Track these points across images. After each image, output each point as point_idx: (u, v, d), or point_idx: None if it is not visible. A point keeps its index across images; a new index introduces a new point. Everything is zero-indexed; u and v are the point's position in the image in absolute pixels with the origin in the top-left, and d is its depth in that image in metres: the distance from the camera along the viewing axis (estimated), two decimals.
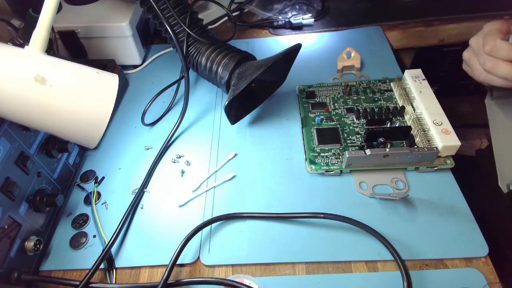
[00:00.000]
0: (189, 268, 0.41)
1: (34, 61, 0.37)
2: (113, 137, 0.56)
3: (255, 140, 0.53)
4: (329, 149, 0.49)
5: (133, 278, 0.41)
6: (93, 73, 0.40)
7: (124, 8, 0.61)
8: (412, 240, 0.41)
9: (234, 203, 0.46)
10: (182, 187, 0.48)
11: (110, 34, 0.60)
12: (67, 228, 0.45)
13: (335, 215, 0.42)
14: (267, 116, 0.56)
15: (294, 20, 0.71)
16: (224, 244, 0.42)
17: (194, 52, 0.54)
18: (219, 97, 0.60)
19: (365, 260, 0.40)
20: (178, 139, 0.54)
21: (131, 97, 0.62)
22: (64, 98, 0.37)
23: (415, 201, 0.44)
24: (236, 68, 0.50)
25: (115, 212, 0.46)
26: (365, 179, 0.46)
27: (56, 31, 0.58)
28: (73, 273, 0.42)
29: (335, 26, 0.71)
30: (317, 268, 0.40)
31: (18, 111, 0.36)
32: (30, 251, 0.39)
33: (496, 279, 0.38)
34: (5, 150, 0.38)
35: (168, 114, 0.58)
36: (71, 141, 0.46)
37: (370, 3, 0.76)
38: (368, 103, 0.54)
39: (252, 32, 0.73)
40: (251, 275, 0.40)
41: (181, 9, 0.52)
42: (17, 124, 0.40)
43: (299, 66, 0.56)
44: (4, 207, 0.37)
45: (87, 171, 0.51)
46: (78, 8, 0.62)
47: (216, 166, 0.50)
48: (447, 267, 0.39)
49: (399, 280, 0.38)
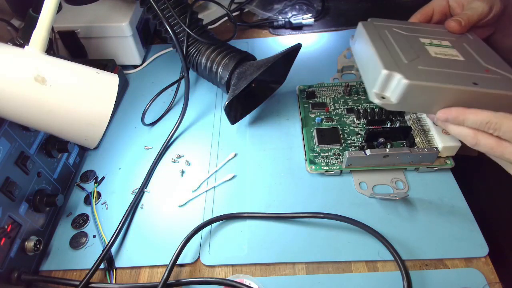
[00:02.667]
0: (189, 268, 0.41)
1: (34, 61, 0.37)
2: (113, 137, 0.56)
3: (255, 140, 0.53)
4: (329, 149, 0.49)
5: (133, 278, 0.41)
6: (93, 73, 0.40)
7: (124, 8, 0.61)
8: (412, 240, 0.41)
9: (234, 203, 0.46)
10: (182, 187, 0.48)
11: (110, 34, 0.60)
12: (67, 228, 0.45)
13: (335, 215, 0.42)
14: (267, 116, 0.56)
15: (294, 20, 0.71)
16: (224, 244, 0.42)
17: (194, 52, 0.54)
18: (219, 97, 0.60)
19: (365, 260, 0.40)
20: (178, 139, 0.54)
21: (131, 97, 0.62)
22: (64, 98, 0.37)
23: (415, 201, 0.44)
24: (236, 68, 0.50)
25: (115, 212, 0.46)
26: (365, 179, 0.46)
27: (56, 31, 0.58)
28: (73, 273, 0.42)
29: (335, 26, 0.71)
30: (317, 268, 0.40)
31: (18, 111, 0.36)
32: (30, 251, 0.39)
33: (496, 279, 0.38)
34: (5, 150, 0.38)
35: (168, 114, 0.58)
36: (71, 141, 0.46)
37: (370, 3, 0.76)
38: (368, 103, 0.54)
39: (252, 32, 0.73)
40: (251, 275, 0.40)
41: (181, 9, 0.52)
42: (17, 124, 0.40)
43: (299, 66, 0.56)
44: (4, 207, 0.37)
45: (87, 171, 0.51)
46: (78, 8, 0.62)
47: (216, 166, 0.50)
48: (447, 267, 0.39)
49: (399, 280, 0.38)
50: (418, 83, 0.37)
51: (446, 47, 0.45)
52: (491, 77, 0.40)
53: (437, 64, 0.41)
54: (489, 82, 0.38)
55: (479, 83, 0.38)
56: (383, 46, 0.43)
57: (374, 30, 0.47)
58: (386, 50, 0.42)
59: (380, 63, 0.40)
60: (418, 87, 0.38)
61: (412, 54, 0.42)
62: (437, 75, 0.39)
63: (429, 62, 0.41)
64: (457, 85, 0.37)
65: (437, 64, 0.41)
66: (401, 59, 0.41)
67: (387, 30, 0.47)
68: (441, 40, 0.46)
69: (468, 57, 0.43)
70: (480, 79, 0.39)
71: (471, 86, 0.37)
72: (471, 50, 0.45)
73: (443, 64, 0.41)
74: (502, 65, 0.42)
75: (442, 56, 0.43)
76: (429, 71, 0.39)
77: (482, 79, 0.39)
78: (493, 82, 0.39)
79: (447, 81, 0.38)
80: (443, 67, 0.40)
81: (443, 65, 0.41)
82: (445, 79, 0.38)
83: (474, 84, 0.38)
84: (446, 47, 0.45)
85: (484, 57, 0.44)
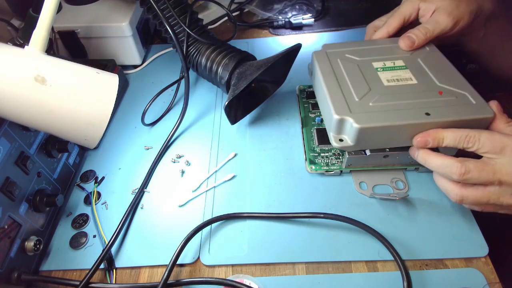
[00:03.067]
0: (189, 268, 0.41)
1: (34, 61, 0.37)
2: (113, 137, 0.56)
3: (255, 140, 0.53)
4: (329, 149, 0.49)
5: (133, 278, 0.41)
6: (93, 73, 0.40)
7: (124, 8, 0.61)
8: (412, 240, 0.41)
9: (234, 203, 0.46)
10: (182, 187, 0.48)
11: (110, 34, 0.60)
12: (67, 228, 0.45)
13: (335, 215, 0.42)
14: (267, 116, 0.56)
15: (294, 20, 0.71)
16: (224, 244, 0.42)
17: (194, 52, 0.54)
18: (219, 97, 0.60)
19: (365, 260, 0.40)
20: (178, 139, 0.54)
21: (131, 97, 0.62)
22: (64, 98, 0.37)
23: (415, 201, 0.44)
24: (236, 68, 0.50)
25: (115, 212, 0.46)
26: (365, 179, 0.46)
27: (56, 31, 0.58)
28: (73, 273, 0.42)
29: (335, 26, 0.71)
30: (317, 268, 0.40)
31: (18, 111, 0.36)
32: (30, 251, 0.39)
33: (496, 279, 0.38)
34: (5, 150, 0.38)
35: (168, 114, 0.58)
36: (71, 141, 0.46)
37: (370, 3, 0.76)
38: None
39: (252, 32, 0.73)
40: (251, 275, 0.40)
41: (181, 9, 0.52)
42: (17, 124, 0.40)
43: (299, 66, 0.56)
44: (4, 207, 0.37)
45: (87, 171, 0.51)
46: (78, 8, 0.62)
47: (216, 166, 0.50)
48: (447, 267, 0.39)
49: (399, 280, 0.38)
50: (369, 126, 0.38)
51: (400, 69, 0.45)
52: (445, 101, 0.40)
53: (389, 95, 0.42)
54: (442, 108, 0.39)
55: (432, 113, 0.38)
56: (335, 83, 0.44)
57: (327, 62, 0.47)
58: (338, 89, 0.43)
59: (331, 108, 0.41)
60: (370, 129, 0.38)
61: (364, 87, 0.43)
62: (388, 111, 0.40)
63: (381, 94, 0.42)
64: (408, 120, 0.38)
65: (389, 96, 0.42)
66: (352, 98, 0.42)
67: (340, 58, 0.48)
68: (394, 61, 0.46)
69: (421, 78, 0.44)
70: (433, 107, 0.39)
71: (423, 119, 0.38)
72: (426, 66, 0.45)
73: (395, 94, 0.42)
74: (458, 80, 0.43)
75: (394, 83, 0.43)
76: (380, 107, 0.40)
77: (435, 105, 0.40)
78: (446, 107, 0.39)
79: (398, 117, 0.39)
80: (395, 98, 0.41)
81: (395, 95, 0.42)
82: (395, 116, 0.39)
83: (427, 114, 0.38)
84: (399, 69, 0.45)
85: (439, 73, 0.44)
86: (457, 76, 0.43)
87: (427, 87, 0.42)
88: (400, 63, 0.46)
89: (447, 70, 0.44)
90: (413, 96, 0.41)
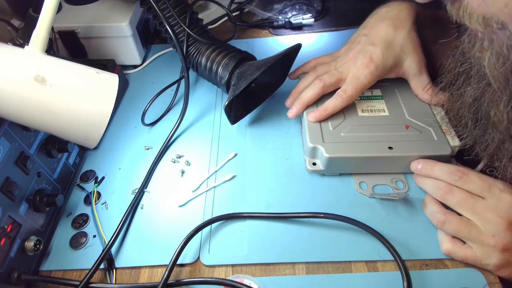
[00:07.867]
0: (189, 268, 0.41)
1: (34, 61, 0.37)
2: (113, 137, 0.56)
3: (255, 140, 0.53)
4: None
5: (133, 278, 0.41)
6: (93, 73, 0.40)
7: (124, 8, 0.61)
8: (412, 240, 0.41)
9: (234, 203, 0.46)
10: (182, 187, 0.48)
11: (110, 34, 0.60)
12: (67, 228, 0.45)
13: (335, 215, 0.42)
14: (267, 116, 0.56)
15: (294, 20, 0.71)
16: (224, 244, 0.42)
17: (194, 52, 0.54)
18: (219, 97, 0.60)
19: (365, 260, 0.40)
20: (178, 139, 0.54)
21: (131, 97, 0.62)
22: (64, 98, 0.37)
23: (415, 201, 0.44)
24: (236, 68, 0.50)
25: (115, 212, 0.46)
26: (365, 179, 0.46)
27: (56, 31, 0.58)
28: (73, 273, 0.42)
29: (335, 26, 0.71)
30: (317, 268, 0.40)
31: (18, 111, 0.36)
32: (30, 251, 0.39)
33: (496, 279, 0.38)
34: (5, 150, 0.38)
35: (168, 114, 0.58)
36: (71, 141, 0.46)
37: (370, 3, 0.76)
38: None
39: (252, 32, 0.73)
40: (251, 275, 0.40)
41: (181, 9, 0.52)
42: (17, 124, 0.40)
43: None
44: (4, 207, 0.37)
45: (87, 171, 0.51)
46: (78, 8, 0.62)
47: (216, 166, 0.50)
48: (447, 267, 0.39)
49: (399, 280, 0.38)
50: (337, 156, 0.43)
51: (376, 99, 0.49)
52: (409, 135, 0.44)
53: (361, 126, 0.46)
54: (405, 143, 0.43)
55: (394, 147, 0.43)
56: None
57: None
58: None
59: (307, 136, 0.45)
60: (337, 158, 0.43)
61: (340, 117, 0.47)
62: (356, 142, 0.44)
63: (353, 124, 0.46)
64: (371, 153, 0.43)
65: (360, 127, 0.45)
66: (327, 127, 0.46)
67: None
68: (373, 89, 0.50)
69: (393, 110, 0.47)
70: (397, 141, 0.43)
71: (385, 152, 0.43)
72: (401, 97, 0.49)
73: (366, 125, 0.46)
74: (426, 113, 0.46)
75: (367, 114, 0.47)
76: (350, 137, 0.44)
77: (400, 139, 0.44)
78: (409, 142, 0.43)
79: (363, 150, 0.43)
80: (364, 130, 0.45)
81: (366, 126, 0.46)
82: (361, 148, 0.43)
83: (390, 148, 0.43)
84: (375, 99, 0.49)
85: (411, 105, 0.47)
86: (426, 109, 0.47)
87: (396, 120, 0.46)
88: (378, 93, 0.49)
89: (419, 102, 0.48)
90: (381, 128, 0.45)
